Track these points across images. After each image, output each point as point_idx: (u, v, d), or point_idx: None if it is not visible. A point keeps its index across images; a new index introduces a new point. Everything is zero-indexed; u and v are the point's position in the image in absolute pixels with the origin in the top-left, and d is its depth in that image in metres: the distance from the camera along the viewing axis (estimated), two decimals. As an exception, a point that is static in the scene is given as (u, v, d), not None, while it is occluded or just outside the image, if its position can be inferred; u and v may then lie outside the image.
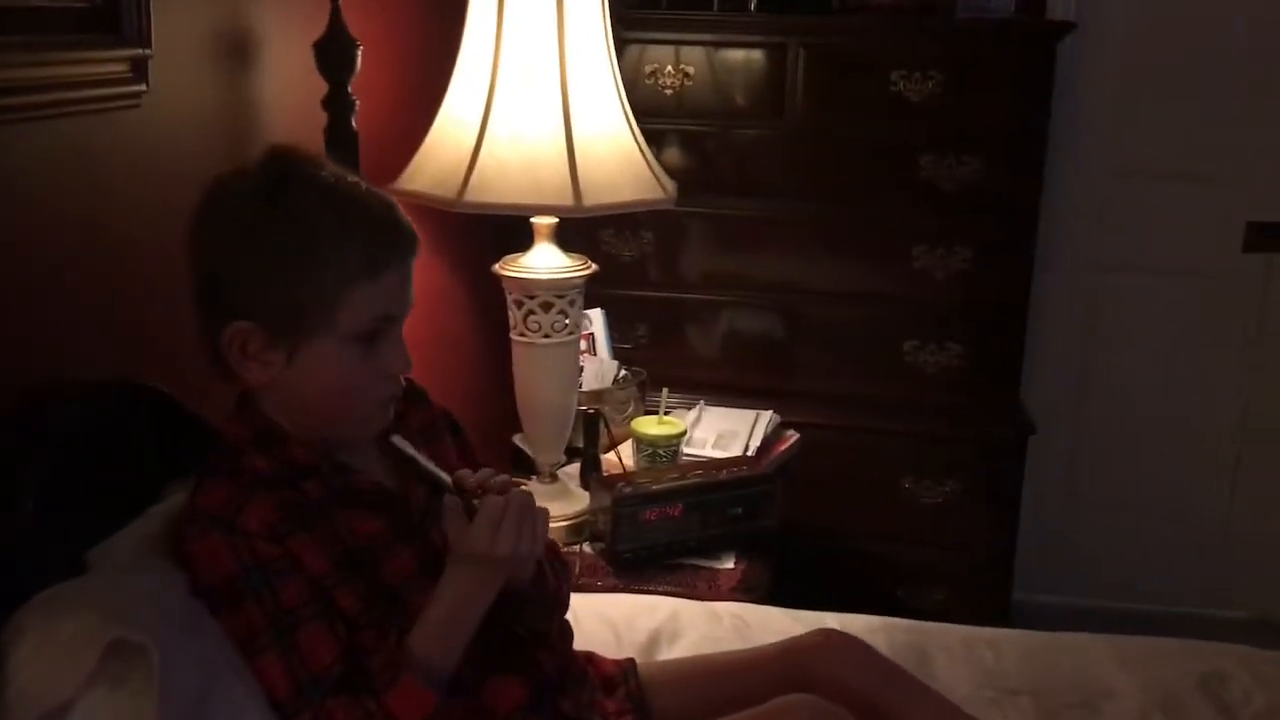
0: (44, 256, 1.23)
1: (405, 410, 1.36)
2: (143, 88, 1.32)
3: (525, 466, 2.19)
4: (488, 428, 2.31)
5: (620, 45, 2.52)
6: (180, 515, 1.19)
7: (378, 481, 1.27)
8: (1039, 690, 1.47)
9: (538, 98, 1.82)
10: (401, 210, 1.25)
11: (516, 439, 2.25)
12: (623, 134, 1.91)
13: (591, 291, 2.53)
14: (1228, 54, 2.82)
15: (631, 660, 1.42)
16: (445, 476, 1.23)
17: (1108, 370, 3.04)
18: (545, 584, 1.31)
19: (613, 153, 1.87)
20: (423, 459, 1.25)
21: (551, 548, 1.39)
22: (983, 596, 2.70)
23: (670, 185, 1.98)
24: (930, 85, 2.53)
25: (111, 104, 1.29)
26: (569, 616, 1.40)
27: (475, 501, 1.19)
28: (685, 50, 2.61)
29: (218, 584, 1.13)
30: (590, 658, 1.41)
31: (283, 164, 1.21)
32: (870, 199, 2.64)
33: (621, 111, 1.92)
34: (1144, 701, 1.45)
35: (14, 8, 1.15)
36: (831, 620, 1.60)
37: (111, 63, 1.27)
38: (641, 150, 1.93)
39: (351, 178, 1.24)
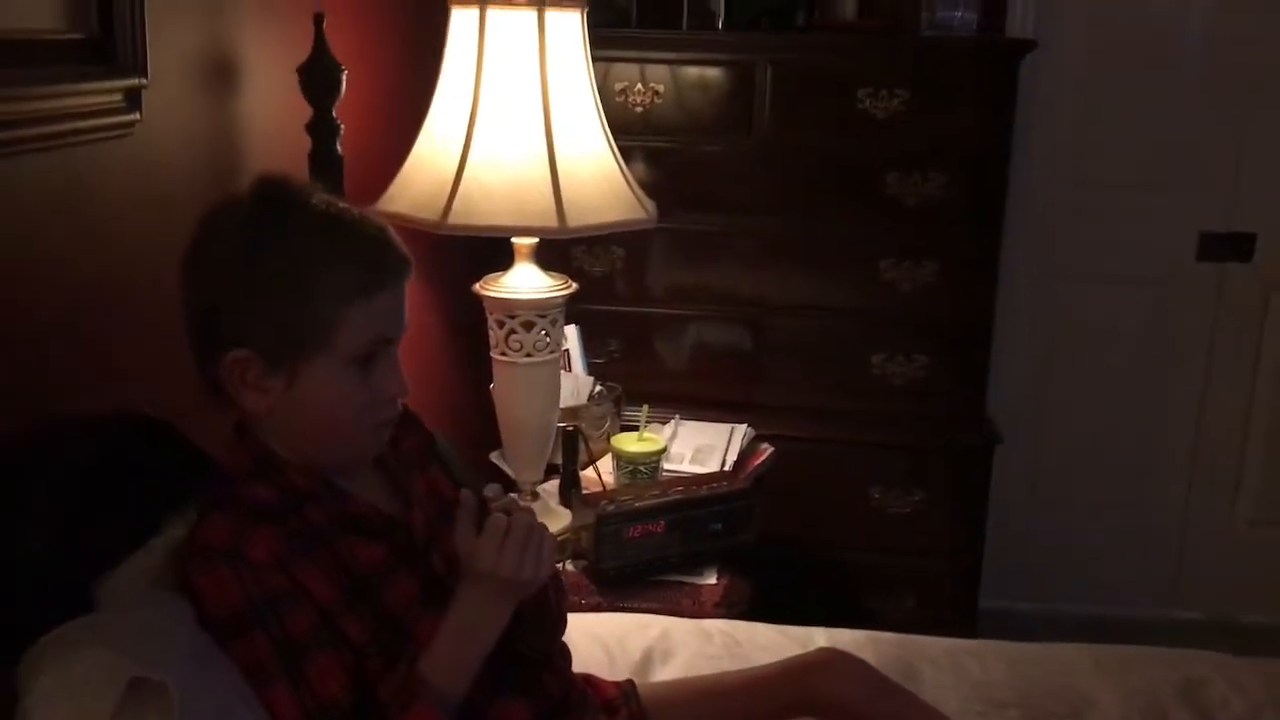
0: (41, 289, 1.22)
1: (398, 435, 1.36)
2: (136, 117, 1.32)
3: (505, 484, 2.19)
4: (465, 446, 2.31)
5: (604, 63, 2.57)
6: (182, 547, 1.19)
7: (378, 506, 1.27)
8: (1025, 702, 1.51)
9: (520, 120, 1.83)
10: (394, 233, 1.26)
11: (494, 457, 2.26)
12: (604, 155, 1.93)
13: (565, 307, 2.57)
14: (1181, 68, 2.90)
15: (631, 682, 1.44)
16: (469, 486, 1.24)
17: (1067, 377, 3.11)
18: (547, 603, 1.32)
19: (595, 174, 1.89)
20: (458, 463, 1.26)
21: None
22: (951, 604, 2.74)
23: (650, 206, 2.00)
24: (895, 103, 2.57)
25: (105, 134, 1.29)
26: (571, 629, 1.42)
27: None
28: (654, 68, 2.63)
29: (225, 616, 1.12)
30: (589, 679, 1.42)
31: (273, 192, 1.22)
32: (837, 214, 2.67)
33: (602, 133, 1.94)
34: (1127, 709, 1.49)
35: (10, 40, 1.14)
36: (819, 636, 1.63)
37: (106, 93, 1.27)
38: (622, 171, 1.95)
39: (342, 203, 1.25)
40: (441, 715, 1.14)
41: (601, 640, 1.66)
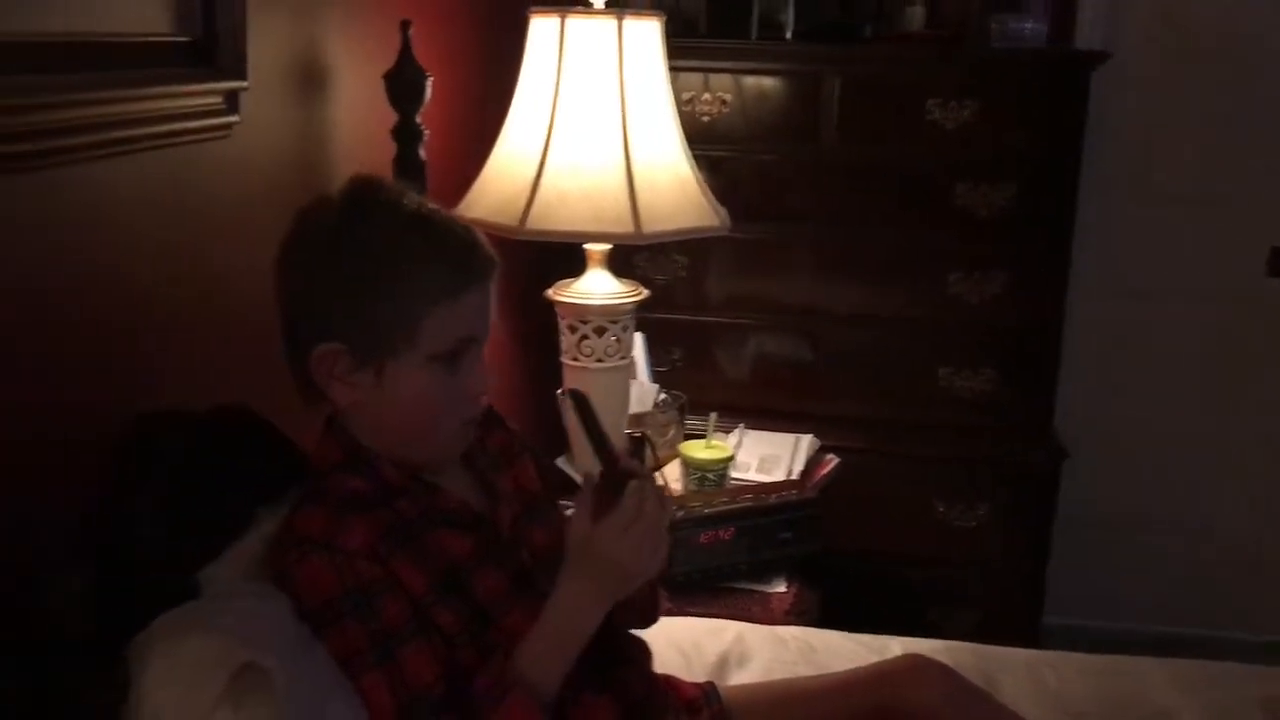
0: (146, 285, 1.25)
1: (485, 433, 1.38)
2: (235, 119, 1.35)
3: (570, 489, 2.21)
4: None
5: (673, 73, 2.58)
6: (275, 539, 1.21)
7: (466, 501, 1.29)
8: (1104, 713, 1.50)
9: (598, 127, 1.85)
10: (481, 235, 1.28)
11: (560, 461, 2.27)
12: (679, 162, 1.94)
13: (629, 315, 2.58)
14: (1252, 79, 2.86)
15: (711, 683, 1.44)
16: (614, 448, 1.22)
17: (1134, 394, 3.07)
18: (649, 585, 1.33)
19: (671, 181, 1.91)
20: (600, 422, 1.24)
21: None
22: (1015, 619, 2.72)
23: (723, 213, 2.01)
24: (965, 114, 2.57)
25: (206, 135, 1.32)
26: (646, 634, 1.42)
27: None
28: (721, 78, 2.65)
29: (320, 605, 1.14)
30: (669, 680, 1.42)
31: (365, 192, 1.24)
32: (904, 225, 2.67)
33: (678, 140, 1.95)
34: (1207, 723, 1.48)
35: (119, 43, 1.17)
36: (895, 645, 1.62)
37: (208, 95, 1.30)
38: (697, 178, 1.97)
39: (432, 204, 1.27)
40: (536, 708, 1.15)
41: (677, 644, 1.66)
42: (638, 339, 2.54)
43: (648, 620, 1.39)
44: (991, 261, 2.63)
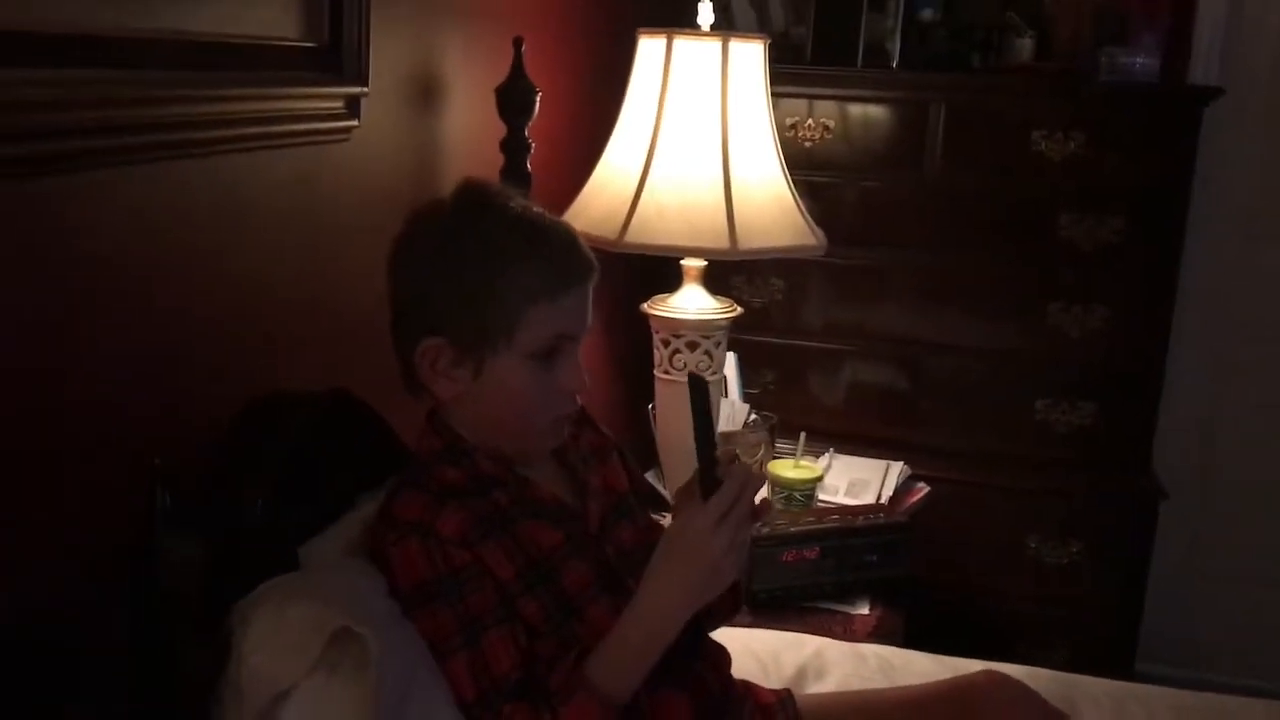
0: (268, 276, 1.32)
1: (577, 432, 1.42)
2: (355, 123, 1.42)
3: (656, 503, 2.24)
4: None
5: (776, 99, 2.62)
6: (374, 521, 1.26)
7: (557, 495, 1.33)
8: (1193, 748, 1.47)
9: (699, 144, 1.89)
10: (581, 238, 1.32)
11: (649, 475, 2.30)
12: (778, 183, 1.97)
13: (724, 336, 2.61)
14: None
15: (788, 691, 1.45)
16: (716, 445, 1.23)
17: (1234, 438, 2.99)
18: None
19: (768, 200, 1.94)
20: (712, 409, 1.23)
21: None
22: (1107, 662, 2.65)
23: (820, 234, 2.03)
24: (1072, 145, 2.55)
25: (328, 137, 1.39)
26: (725, 643, 1.44)
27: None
28: (824, 104, 2.67)
29: (412, 587, 1.19)
30: (747, 685, 1.44)
31: (475, 195, 1.30)
32: (1006, 255, 2.65)
33: (778, 161, 1.98)
34: (1301, 765, 1.44)
35: (248, 44, 1.25)
36: (977, 666, 1.61)
37: (332, 99, 1.37)
38: (795, 199, 1.99)
39: (537, 208, 1.32)
40: (601, 711, 1.16)
41: (755, 654, 1.68)
42: (730, 358, 2.57)
43: (728, 616, 1.40)
44: (1093, 295, 2.60)
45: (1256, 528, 3.00)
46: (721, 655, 1.41)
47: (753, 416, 2.51)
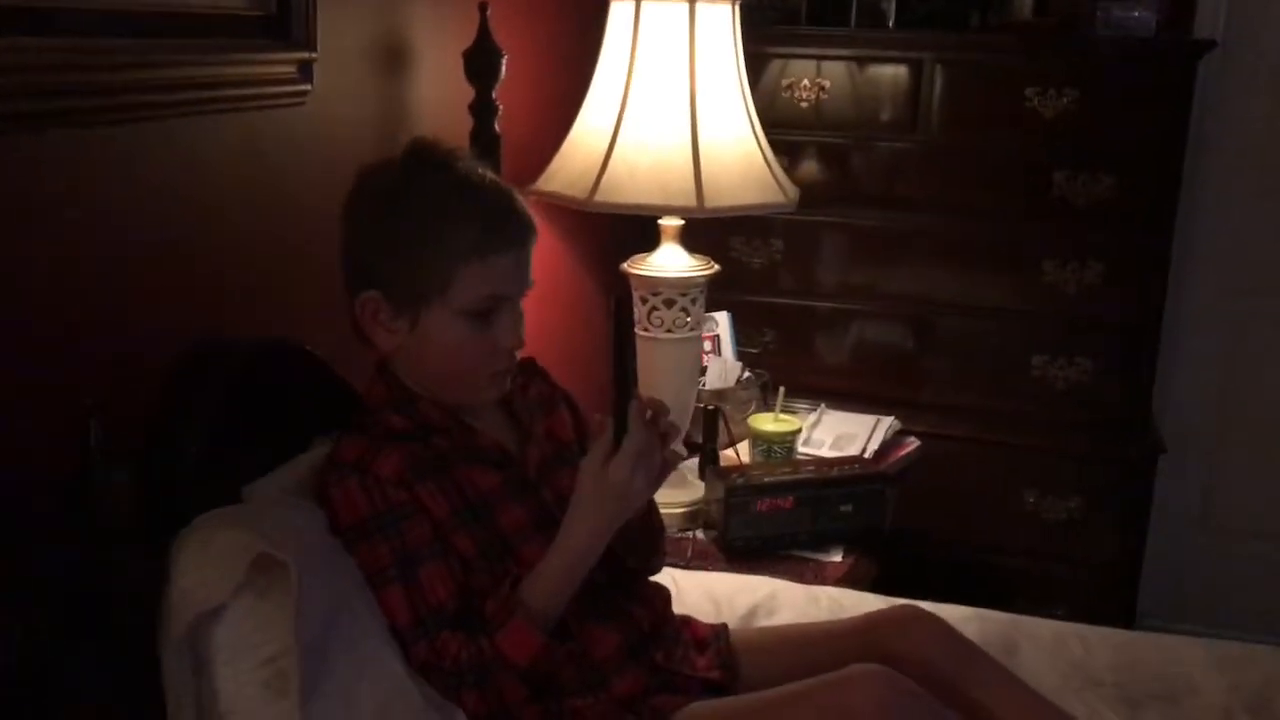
0: (218, 232, 1.40)
1: (526, 383, 1.49)
2: (307, 87, 1.49)
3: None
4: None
5: (761, 60, 2.65)
6: (322, 464, 1.34)
7: (499, 441, 1.39)
8: (1123, 683, 1.50)
9: (667, 106, 1.94)
10: (520, 200, 1.37)
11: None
12: (747, 142, 2.01)
13: (721, 296, 2.65)
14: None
15: (724, 625, 1.52)
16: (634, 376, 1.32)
17: (1248, 394, 2.97)
18: (652, 520, 1.43)
19: (737, 159, 1.98)
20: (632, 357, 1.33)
21: None
22: (1104, 618, 2.66)
23: (792, 191, 2.07)
24: (1064, 102, 2.55)
25: (280, 101, 1.47)
26: (669, 583, 1.51)
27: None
28: (823, 64, 2.69)
29: (351, 523, 1.27)
30: (686, 620, 1.50)
31: (420, 155, 1.36)
32: (1002, 213, 2.66)
33: (748, 120, 2.02)
34: (1230, 701, 1.46)
35: (198, 13, 1.33)
36: (926, 607, 1.65)
37: (281, 64, 1.44)
38: (765, 157, 2.03)
39: (481, 170, 1.37)
40: (534, 633, 1.25)
41: (713, 595, 1.74)
42: (723, 317, 2.62)
43: (650, 561, 1.47)
44: (1089, 251, 2.60)
45: (1265, 482, 2.98)
46: (658, 594, 1.48)
47: (746, 374, 2.56)
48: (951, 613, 1.66)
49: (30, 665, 0.99)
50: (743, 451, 2.33)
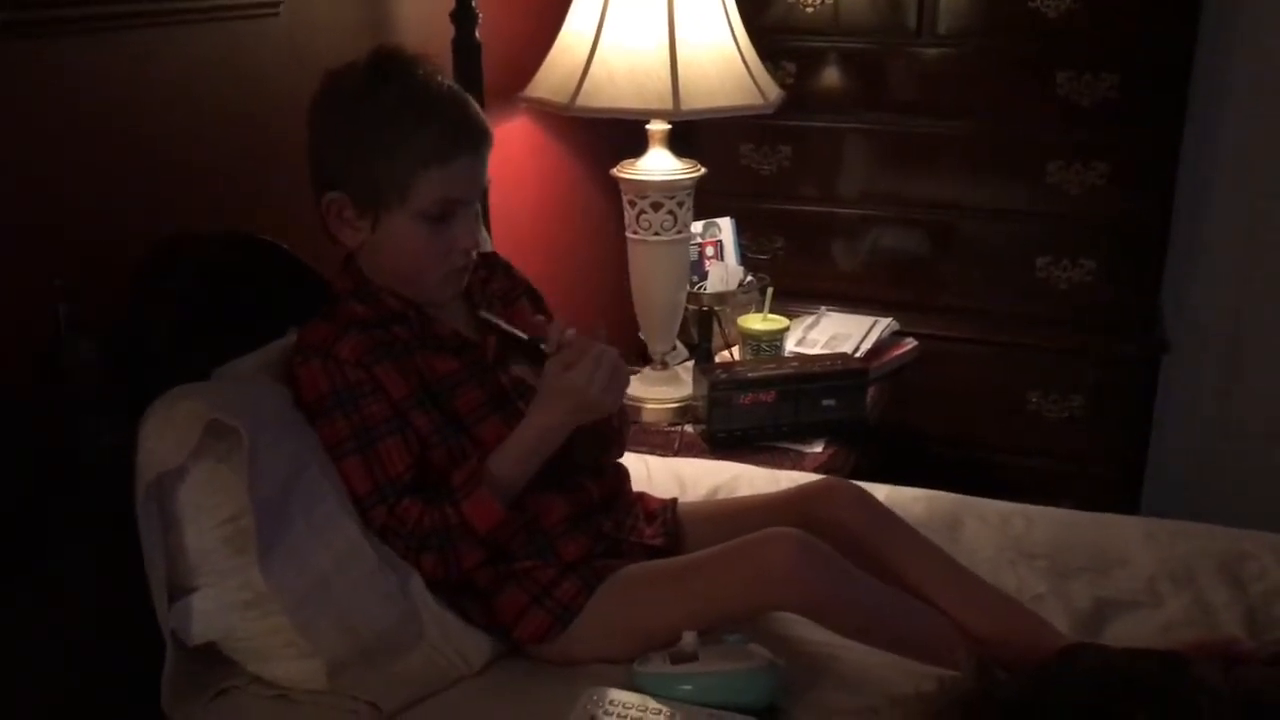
0: (195, 135, 1.51)
1: (488, 277, 1.59)
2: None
3: (645, 357, 2.40)
4: (614, 322, 2.52)
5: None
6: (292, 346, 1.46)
7: (457, 330, 1.50)
8: (1056, 556, 1.57)
9: (646, 11, 1.99)
10: (476, 107, 1.45)
11: (641, 334, 2.45)
12: (725, 45, 2.05)
13: (730, 203, 2.72)
14: None
15: (674, 499, 1.62)
16: (525, 336, 1.47)
17: (1267, 297, 2.95)
18: (610, 424, 1.52)
19: (714, 62, 2.03)
20: (508, 328, 1.48)
21: None
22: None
23: (773, 93, 2.11)
24: (1068, 2, 2.54)
25: (254, 12, 1.56)
26: (641, 466, 1.61)
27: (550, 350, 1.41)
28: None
29: (314, 400, 1.39)
30: (641, 496, 1.61)
31: (383, 61, 1.44)
32: (1005, 115, 2.66)
33: (727, 24, 2.07)
34: (1155, 572, 1.52)
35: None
36: (882, 490, 1.73)
37: (251, -24, 1.53)
38: (744, 60, 2.08)
39: (440, 77, 1.45)
40: (497, 502, 1.37)
41: (679, 477, 1.84)
42: (726, 223, 2.68)
43: (610, 451, 1.58)
44: (1093, 152, 2.60)
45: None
46: (616, 471, 1.58)
47: (748, 278, 2.63)
48: (903, 494, 1.75)
49: (6, 523, 1.12)
50: (737, 353, 2.40)
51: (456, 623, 1.38)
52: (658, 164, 2.17)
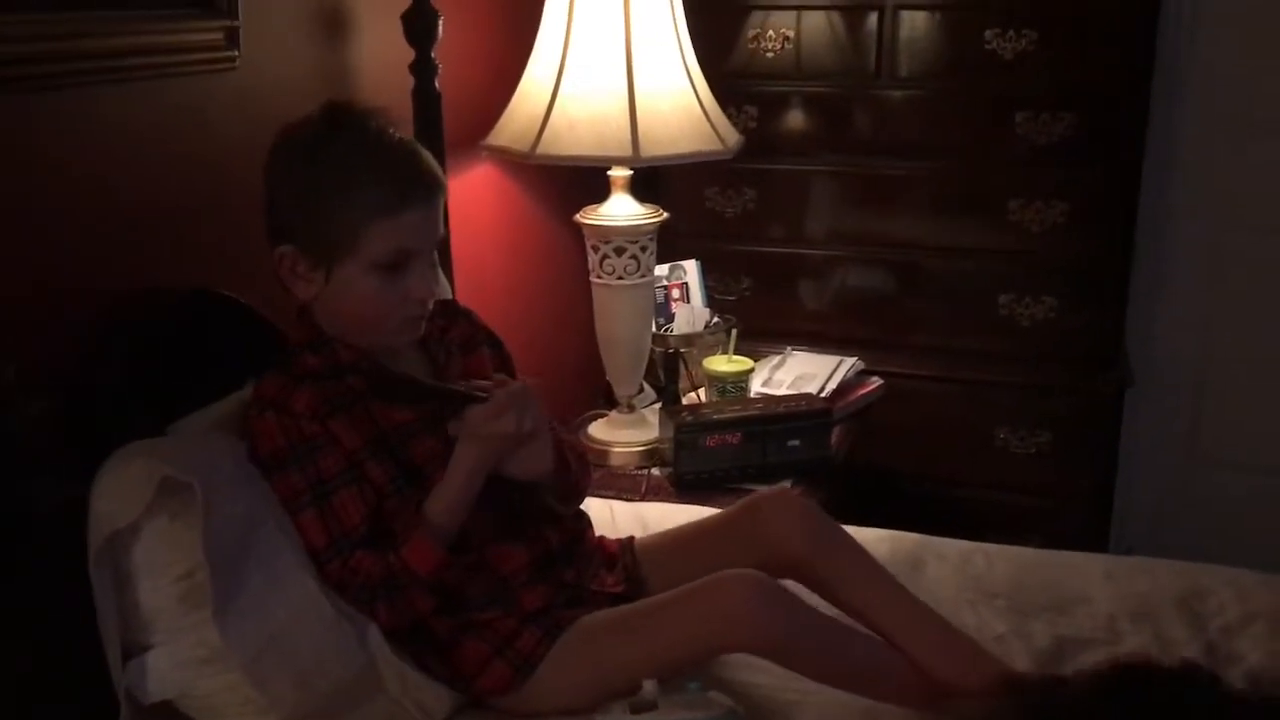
0: (149, 190, 1.51)
1: (447, 326, 1.60)
2: (235, 53, 1.59)
3: (611, 400, 2.41)
4: (580, 365, 2.53)
5: (742, 12, 2.72)
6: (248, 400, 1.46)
7: (414, 379, 1.50)
8: (1016, 595, 1.58)
9: (604, 59, 2.02)
10: (428, 159, 1.46)
11: (607, 377, 2.46)
12: (684, 93, 2.08)
13: (695, 245, 2.75)
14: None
15: (631, 537, 1.62)
16: (458, 387, 1.48)
17: (1228, 328, 2.98)
18: (566, 473, 1.53)
19: (673, 110, 2.05)
20: (435, 384, 1.50)
21: (575, 447, 1.60)
22: (1078, 549, 2.73)
23: (732, 139, 2.14)
24: (1024, 43, 2.58)
25: (209, 67, 1.57)
26: (605, 512, 1.61)
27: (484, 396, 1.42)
28: (782, 15, 2.74)
29: (269, 454, 1.39)
30: (601, 539, 1.61)
31: (335, 114, 1.45)
32: (966, 155, 2.70)
33: (685, 71, 2.09)
34: (1115, 610, 1.53)
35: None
36: (848, 531, 1.73)
37: (207, 31, 1.54)
38: (703, 107, 2.10)
39: (391, 130, 1.46)
40: (434, 545, 1.37)
41: (643, 520, 1.84)
42: (692, 265, 2.70)
43: (568, 500, 1.58)
44: (1054, 190, 2.64)
45: (1252, 414, 2.99)
46: (579, 519, 1.59)
47: (714, 320, 2.64)
48: (867, 535, 1.75)
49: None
50: (704, 395, 2.41)
51: (416, 674, 1.37)
52: (620, 209, 2.18)
